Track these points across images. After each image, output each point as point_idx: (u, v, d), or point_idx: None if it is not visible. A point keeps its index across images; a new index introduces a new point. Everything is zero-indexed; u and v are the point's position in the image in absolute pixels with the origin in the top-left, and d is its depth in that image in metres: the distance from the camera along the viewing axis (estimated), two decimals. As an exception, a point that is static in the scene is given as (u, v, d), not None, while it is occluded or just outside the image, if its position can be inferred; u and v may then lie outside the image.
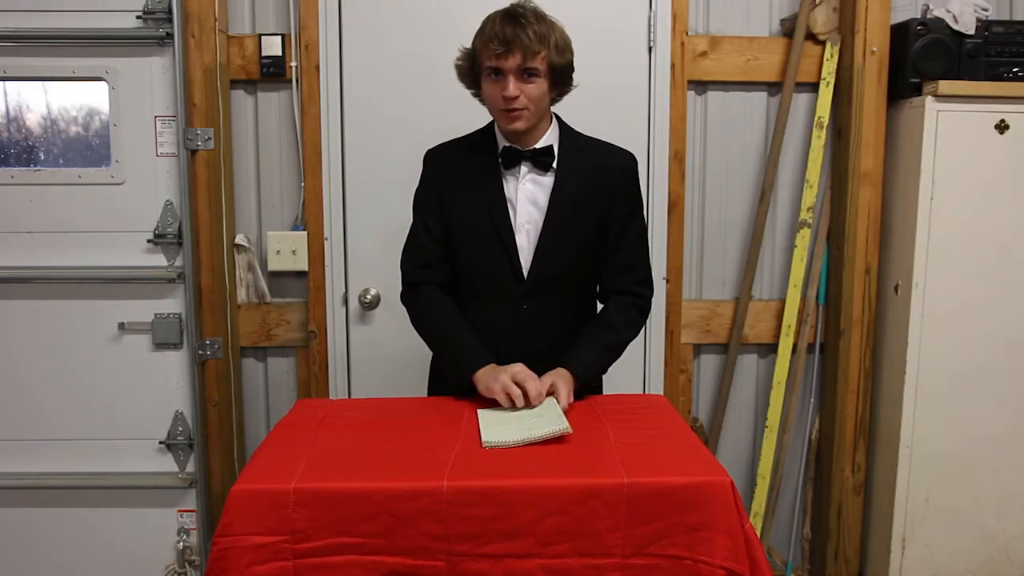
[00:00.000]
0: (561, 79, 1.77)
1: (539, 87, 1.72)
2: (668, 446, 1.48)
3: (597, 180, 1.81)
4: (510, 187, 1.81)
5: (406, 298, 1.91)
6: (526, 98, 1.70)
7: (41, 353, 2.45)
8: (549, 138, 1.81)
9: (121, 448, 2.49)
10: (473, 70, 1.78)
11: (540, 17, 1.71)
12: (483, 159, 1.83)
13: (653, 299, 1.91)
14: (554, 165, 1.80)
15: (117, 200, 2.42)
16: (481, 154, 1.84)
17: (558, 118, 1.86)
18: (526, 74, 1.70)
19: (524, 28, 1.66)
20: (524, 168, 1.80)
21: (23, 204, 2.41)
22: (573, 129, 1.87)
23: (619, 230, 1.85)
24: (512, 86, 1.69)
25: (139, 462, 2.49)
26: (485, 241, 1.81)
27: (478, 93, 1.83)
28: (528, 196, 1.81)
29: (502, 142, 1.82)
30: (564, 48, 1.74)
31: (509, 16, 1.69)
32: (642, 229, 1.90)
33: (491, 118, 1.86)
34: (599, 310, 1.92)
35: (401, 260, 1.91)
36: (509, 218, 1.80)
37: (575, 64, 1.79)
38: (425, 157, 1.91)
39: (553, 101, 1.82)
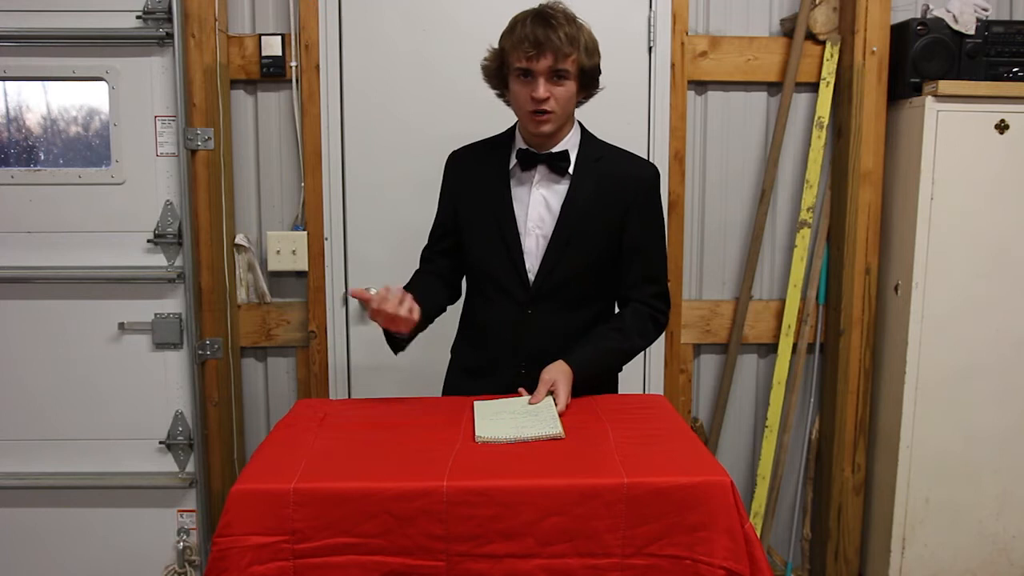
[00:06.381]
0: (590, 81, 1.77)
1: (568, 89, 1.71)
2: (668, 446, 1.48)
3: (613, 189, 1.79)
4: (524, 190, 1.81)
5: None
6: (555, 101, 1.70)
7: (41, 353, 2.45)
8: (567, 143, 1.80)
9: (121, 448, 2.49)
10: (501, 70, 1.76)
11: (571, 19, 1.71)
12: (498, 162, 1.83)
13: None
14: (570, 171, 1.79)
15: (117, 200, 2.42)
16: (498, 157, 1.84)
17: (581, 125, 1.85)
18: (556, 76, 1.69)
19: (555, 30, 1.66)
20: (539, 173, 1.80)
21: (23, 204, 2.41)
22: (595, 137, 1.86)
23: (635, 241, 1.82)
24: (542, 88, 1.68)
25: (139, 462, 2.50)
26: (492, 243, 1.81)
27: (503, 94, 1.82)
28: (541, 200, 1.80)
29: (519, 143, 1.81)
30: (593, 50, 1.74)
31: (540, 17, 1.68)
32: (661, 242, 1.88)
33: (495, 118, 1.86)
34: (614, 314, 1.91)
35: None
36: (515, 220, 1.79)
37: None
38: (447, 159, 1.93)
39: (579, 104, 1.81)
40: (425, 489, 1.29)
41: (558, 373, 1.69)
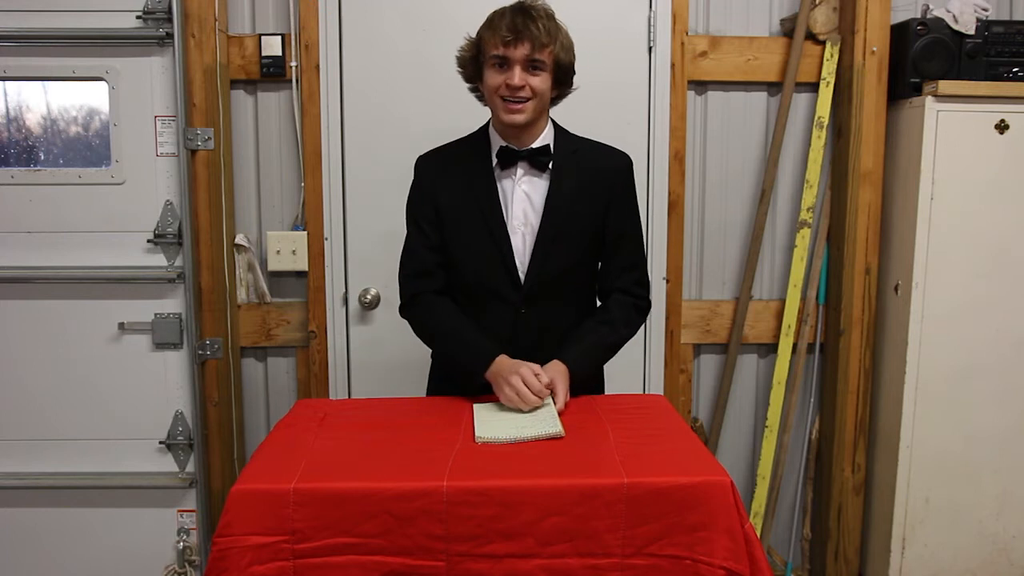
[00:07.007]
0: (564, 78, 1.78)
1: (544, 81, 1.72)
2: (668, 446, 1.48)
3: (593, 181, 1.81)
4: (505, 189, 1.81)
5: (406, 312, 1.88)
6: (530, 89, 1.71)
7: (41, 353, 2.45)
8: (546, 138, 1.81)
9: (121, 448, 2.49)
10: (476, 60, 1.77)
11: (550, 15, 1.73)
12: (477, 161, 1.82)
13: (653, 299, 1.91)
14: (550, 166, 1.80)
15: (117, 200, 2.42)
16: (475, 156, 1.82)
17: (553, 121, 1.86)
18: (532, 66, 1.71)
19: (535, 21, 1.69)
20: (520, 169, 1.80)
21: (23, 204, 2.41)
22: (567, 131, 1.87)
23: (616, 231, 1.84)
24: (518, 76, 1.69)
25: (139, 462, 2.50)
26: (479, 244, 1.80)
27: (476, 88, 1.83)
28: (524, 198, 1.80)
29: (498, 142, 1.81)
30: (569, 48, 1.76)
31: (520, 9, 1.72)
32: (639, 230, 1.90)
33: (488, 117, 1.85)
34: (598, 307, 1.92)
35: (399, 274, 1.88)
36: (503, 219, 1.78)
37: (576, 65, 1.80)
38: (416, 163, 1.89)
39: (553, 102, 1.82)
40: (425, 489, 1.29)
41: (555, 372, 1.69)
